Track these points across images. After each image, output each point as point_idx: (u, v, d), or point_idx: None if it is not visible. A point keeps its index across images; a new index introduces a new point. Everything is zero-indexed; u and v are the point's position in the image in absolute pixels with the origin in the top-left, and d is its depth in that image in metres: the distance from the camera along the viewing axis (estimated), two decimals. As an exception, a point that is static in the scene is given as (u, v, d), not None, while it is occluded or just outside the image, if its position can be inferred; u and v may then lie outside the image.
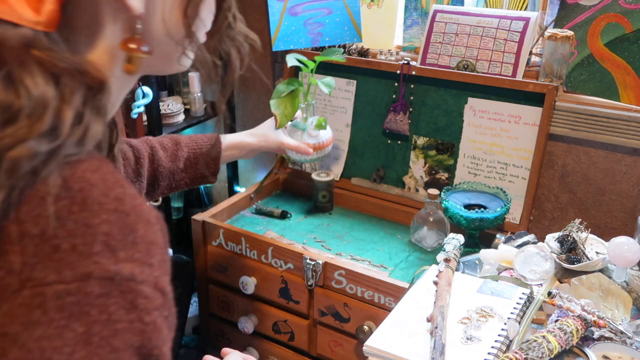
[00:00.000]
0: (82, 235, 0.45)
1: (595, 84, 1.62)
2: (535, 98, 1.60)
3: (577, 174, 1.69)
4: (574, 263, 1.19)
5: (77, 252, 0.45)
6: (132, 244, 0.47)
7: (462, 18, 1.74)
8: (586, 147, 1.66)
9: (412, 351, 0.96)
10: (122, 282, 0.46)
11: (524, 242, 1.32)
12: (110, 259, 0.45)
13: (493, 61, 1.70)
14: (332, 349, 1.62)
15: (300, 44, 1.89)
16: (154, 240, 0.49)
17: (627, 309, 1.09)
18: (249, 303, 1.72)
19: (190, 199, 2.42)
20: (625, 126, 1.56)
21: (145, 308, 0.47)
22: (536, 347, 0.93)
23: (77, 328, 0.44)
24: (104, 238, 0.46)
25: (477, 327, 1.01)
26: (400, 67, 1.76)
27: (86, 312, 0.44)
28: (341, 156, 1.94)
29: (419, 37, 1.90)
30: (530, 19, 1.65)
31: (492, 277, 1.21)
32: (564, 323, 0.98)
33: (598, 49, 1.60)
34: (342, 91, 1.91)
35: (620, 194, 1.64)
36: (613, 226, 1.67)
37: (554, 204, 1.75)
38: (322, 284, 1.54)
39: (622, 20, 1.55)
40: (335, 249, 1.69)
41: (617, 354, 0.97)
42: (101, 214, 0.46)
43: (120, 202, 0.47)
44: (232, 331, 1.82)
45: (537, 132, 1.61)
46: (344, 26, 1.91)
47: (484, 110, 1.69)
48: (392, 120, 1.81)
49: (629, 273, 1.17)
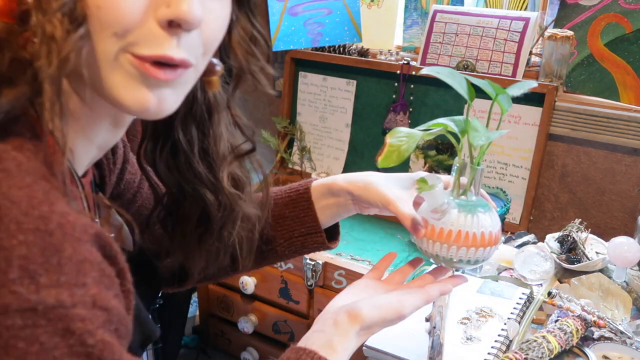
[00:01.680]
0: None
1: (595, 84, 1.62)
2: (535, 98, 1.60)
3: (577, 174, 1.69)
4: (574, 263, 1.19)
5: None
6: (57, 267, 0.42)
7: (462, 18, 1.74)
8: (586, 147, 1.66)
9: (412, 351, 0.96)
10: (47, 311, 0.41)
11: (524, 242, 1.32)
12: (31, 287, 0.40)
13: (493, 61, 1.70)
14: (332, 349, 1.62)
15: (300, 44, 1.89)
16: (87, 257, 0.44)
17: (627, 309, 1.09)
18: (249, 303, 1.72)
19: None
20: (625, 126, 1.56)
21: (85, 331, 0.42)
22: (536, 347, 0.93)
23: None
24: (22, 262, 0.40)
25: (477, 327, 1.01)
26: (400, 67, 1.76)
27: (13, 345, 0.40)
28: (341, 156, 1.94)
29: (419, 37, 1.90)
30: (530, 19, 1.65)
31: (492, 277, 1.21)
32: (564, 323, 0.98)
33: (598, 49, 1.60)
34: (342, 91, 1.91)
35: (620, 194, 1.64)
36: (613, 226, 1.67)
37: (553, 204, 1.75)
38: (322, 284, 1.54)
39: (622, 20, 1.55)
40: (335, 249, 1.69)
41: (617, 354, 0.97)
42: (18, 234, 0.41)
43: (43, 221, 0.42)
44: (232, 331, 1.81)
45: (537, 132, 1.61)
46: (344, 26, 1.91)
47: (484, 110, 1.69)
48: (392, 120, 1.81)
49: (629, 273, 1.17)
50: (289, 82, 1.99)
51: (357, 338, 0.69)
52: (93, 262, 0.45)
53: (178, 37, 0.49)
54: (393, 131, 0.82)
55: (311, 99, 1.98)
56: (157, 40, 0.49)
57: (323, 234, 0.90)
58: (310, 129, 2.00)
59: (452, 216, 0.78)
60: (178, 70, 0.51)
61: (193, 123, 0.66)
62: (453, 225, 0.78)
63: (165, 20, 0.48)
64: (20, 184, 0.43)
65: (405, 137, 0.80)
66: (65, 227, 0.43)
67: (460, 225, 0.78)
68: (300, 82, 1.99)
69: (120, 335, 0.46)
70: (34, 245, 0.41)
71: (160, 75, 0.50)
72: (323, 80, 1.94)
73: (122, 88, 0.50)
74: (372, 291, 0.77)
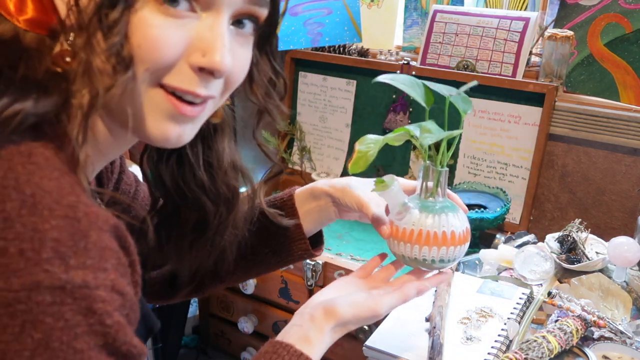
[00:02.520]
0: (30, 240, 0.44)
1: (595, 84, 1.62)
2: (535, 98, 1.60)
3: (577, 174, 1.69)
4: (573, 263, 1.19)
5: (24, 258, 0.43)
6: (83, 250, 0.45)
7: (462, 18, 1.74)
8: (586, 147, 1.66)
9: (412, 351, 0.96)
10: (74, 290, 0.44)
11: (524, 242, 1.32)
12: (61, 267, 0.44)
13: (493, 61, 1.70)
14: (332, 349, 1.62)
15: (300, 44, 1.89)
16: (108, 245, 0.48)
17: (627, 309, 1.09)
18: (249, 303, 1.72)
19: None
20: (625, 126, 1.56)
21: (105, 311, 0.46)
22: (536, 347, 0.93)
23: (34, 334, 0.43)
24: (54, 244, 0.44)
25: (477, 327, 1.01)
26: (400, 67, 1.76)
27: (41, 320, 0.43)
28: (341, 156, 1.94)
29: (419, 37, 1.90)
30: (530, 19, 1.65)
31: (492, 277, 1.21)
32: (564, 323, 0.98)
33: (598, 49, 1.60)
34: (342, 91, 1.91)
35: (620, 194, 1.64)
36: (613, 226, 1.67)
37: (553, 204, 1.75)
38: (322, 284, 1.54)
39: (622, 20, 1.55)
40: (335, 249, 1.69)
41: (617, 354, 0.97)
42: (51, 219, 0.45)
43: (71, 209, 0.46)
44: (232, 331, 1.82)
45: (537, 132, 1.61)
46: (344, 26, 1.91)
47: (484, 110, 1.69)
48: (392, 120, 1.81)
49: (628, 273, 1.17)
50: (289, 82, 2.00)
51: (332, 334, 0.73)
52: (112, 249, 0.48)
53: (207, 80, 0.54)
54: (362, 139, 0.86)
55: (311, 99, 1.98)
56: (187, 79, 0.53)
57: (307, 241, 0.92)
58: (310, 129, 2.00)
59: (413, 216, 0.80)
60: (202, 106, 0.56)
61: (199, 137, 0.70)
62: (414, 225, 0.80)
63: (197, 67, 0.53)
64: (50, 176, 0.47)
65: (372, 143, 0.85)
66: (90, 216, 0.47)
67: (422, 224, 0.79)
68: (300, 82, 1.99)
69: (130, 320, 0.49)
70: (64, 229, 0.45)
71: (188, 112, 0.54)
72: (323, 80, 1.94)
73: (149, 120, 0.54)
74: (353, 288, 0.79)
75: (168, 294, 0.93)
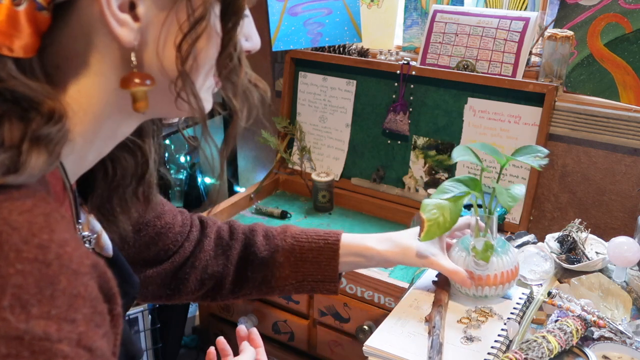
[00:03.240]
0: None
1: (595, 84, 1.62)
2: (535, 98, 1.60)
3: (577, 174, 1.69)
4: (573, 263, 1.19)
5: None
6: (49, 299, 0.42)
7: (462, 18, 1.74)
8: (586, 147, 1.66)
9: (412, 351, 0.96)
10: (33, 342, 0.40)
11: (524, 242, 1.32)
12: (21, 316, 0.40)
13: (493, 61, 1.70)
14: (332, 349, 1.62)
15: (300, 44, 1.89)
16: (81, 292, 0.44)
17: (627, 309, 1.09)
18: (249, 303, 1.72)
19: (190, 199, 2.42)
20: (625, 126, 1.56)
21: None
22: (536, 347, 0.93)
23: None
24: (15, 291, 0.41)
25: (477, 327, 1.01)
26: (400, 67, 1.76)
27: None
28: (341, 156, 1.94)
29: (418, 37, 1.90)
30: (530, 19, 1.65)
31: (492, 277, 1.20)
32: (563, 323, 0.98)
33: (598, 49, 1.60)
34: (342, 91, 1.91)
35: (620, 194, 1.64)
36: (613, 226, 1.67)
37: (553, 204, 1.75)
38: (322, 284, 1.54)
39: (622, 20, 1.55)
40: (335, 249, 1.69)
41: (617, 354, 0.97)
42: (16, 263, 0.41)
43: (42, 250, 0.42)
44: (232, 331, 1.81)
45: (537, 132, 1.61)
46: (344, 26, 1.91)
47: (483, 110, 1.69)
48: (392, 120, 1.81)
49: (628, 273, 1.17)
50: (288, 82, 1.99)
51: None
52: (86, 297, 0.44)
53: None
54: (423, 206, 0.97)
55: (311, 99, 1.98)
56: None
57: (338, 285, 0.94)
58: (310, 129, 2.00)
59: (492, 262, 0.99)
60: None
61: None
62: (489, 270, 0.99)
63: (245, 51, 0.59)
64: (21, 208, 0.44)
65: (436, 209, 0.96)
66: (62, 258, 0.43)
67: (497, 268, 0.99)
68: (300, 82, 1.99)
69: None
70: (30, 275, 0.41)
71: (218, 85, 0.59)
72: (323, 80, 1.94)
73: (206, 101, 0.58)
74: None
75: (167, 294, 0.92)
